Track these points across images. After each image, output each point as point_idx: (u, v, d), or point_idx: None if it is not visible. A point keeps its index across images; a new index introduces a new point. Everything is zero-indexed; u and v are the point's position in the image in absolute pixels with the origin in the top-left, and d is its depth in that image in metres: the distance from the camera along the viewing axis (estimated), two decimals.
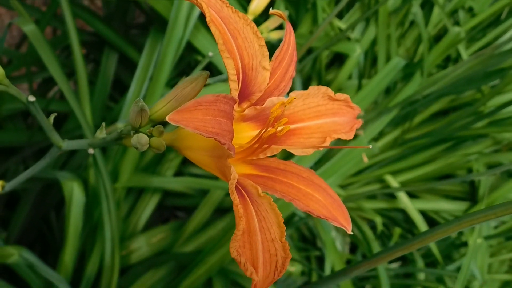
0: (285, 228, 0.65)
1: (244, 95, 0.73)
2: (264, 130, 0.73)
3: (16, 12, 1.82)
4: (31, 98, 0.75)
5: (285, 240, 0.64)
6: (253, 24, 0.70)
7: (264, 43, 0.71)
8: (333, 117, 0.83)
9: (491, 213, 0.75)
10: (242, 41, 0.69)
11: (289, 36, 0.78)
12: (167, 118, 0.54)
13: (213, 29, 0.63)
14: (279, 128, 0.74)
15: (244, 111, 0.76)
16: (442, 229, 0.79)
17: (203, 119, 0.56)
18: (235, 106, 0.60)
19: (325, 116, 0.82)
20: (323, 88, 0.82)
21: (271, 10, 0.75)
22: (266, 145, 0.76)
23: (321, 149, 0.82)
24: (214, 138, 0.56)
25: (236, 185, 0.65)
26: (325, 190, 0.76)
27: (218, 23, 0.66)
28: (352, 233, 0.72)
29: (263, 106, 0.76)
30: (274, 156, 0.80)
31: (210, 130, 0.56)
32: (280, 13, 0.75)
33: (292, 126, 0.80)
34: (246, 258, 0.61)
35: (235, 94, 0.65)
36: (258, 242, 0.63)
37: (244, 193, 0.67)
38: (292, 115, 0.81)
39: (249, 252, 0.62)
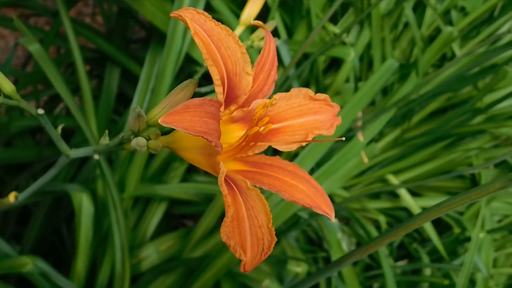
0: (271, 216, 0.72)
1: (231, 98, 0.79)
2: (248, 129, 0.79)
3: (20, 33, 1.89)
4: (40, 111, 0.82)
5: (271, 226, 0.71)
6: (235, 34, 0.76)
7: (245, 51, 0.77)
8: (315, 115, 0.89)
9: (484, 191, 0.78)
10: (225, 50, 0.75)
11: (268, 44, 0.85)
12: (159, 121, 0.60)
13: (197, 40, 0.69)
14: (262, 128, 0.81)
15: (232, 113, 0.82)
16: (434, 210, 0.82)
17: (191, 120, 0.62)
18: (222, 108, 0.67)
19: (307, 114, 0.89)
20: (304, 90, 0.89)
21: (252, 21, 0.82)
22: (252, 143, 0.83)
23: (304, 144, 0.89)
24: (202, 136, 0.62)
25: (226, 179, 0.72)
26: (308, 181, 0.82)
27: (202, 35, 0.72)
28: (335, 219, 0.79)
29: (249, 108, 0.83)
30: (262, 152, 0.86)
31: (198, 129, 0.62)
32: (260, 24, 0.82)
33: (277, 125, 0.87)
34: (236, 241, 0.68)
35: (220, 97, 0.71)
36: (246, 227, 0.69)
37: (234, 186, 0.73)
38: (277, 115, 0.88)
39: (238, 237, 0.68)
